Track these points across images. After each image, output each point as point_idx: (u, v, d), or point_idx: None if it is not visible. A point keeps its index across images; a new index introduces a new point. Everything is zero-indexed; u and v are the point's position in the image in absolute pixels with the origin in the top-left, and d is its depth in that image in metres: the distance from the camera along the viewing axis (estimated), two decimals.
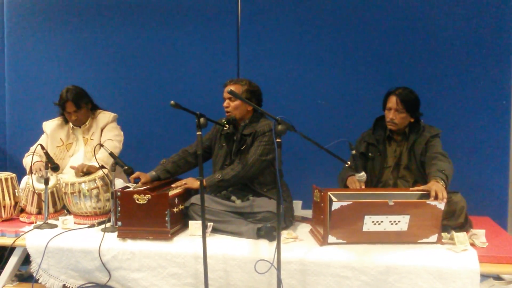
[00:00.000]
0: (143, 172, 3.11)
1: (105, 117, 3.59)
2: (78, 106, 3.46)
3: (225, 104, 3.06)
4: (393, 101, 3.04)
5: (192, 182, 3.01)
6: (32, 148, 3.52)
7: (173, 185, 3.03)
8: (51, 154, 3.44)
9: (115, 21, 4.26)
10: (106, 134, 3.52)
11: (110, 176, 3.01)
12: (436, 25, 3.75)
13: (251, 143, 3.01)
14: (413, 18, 3.79)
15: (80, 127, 3.57)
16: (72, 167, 3.22)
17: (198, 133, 2.52)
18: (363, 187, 2.87)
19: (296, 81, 4.00)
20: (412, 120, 3.09)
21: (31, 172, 3.23)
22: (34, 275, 2.80)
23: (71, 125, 3.57)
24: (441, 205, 2.56)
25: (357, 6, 3.88)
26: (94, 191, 3.08)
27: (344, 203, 2.52)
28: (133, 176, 3.03)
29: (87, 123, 3.56)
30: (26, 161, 3.44)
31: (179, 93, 4.10)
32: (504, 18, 3.64)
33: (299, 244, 2.68)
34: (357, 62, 3.90)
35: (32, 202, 3.20)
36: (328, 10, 3.92)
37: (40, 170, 3.21)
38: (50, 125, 3.60)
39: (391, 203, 2.53)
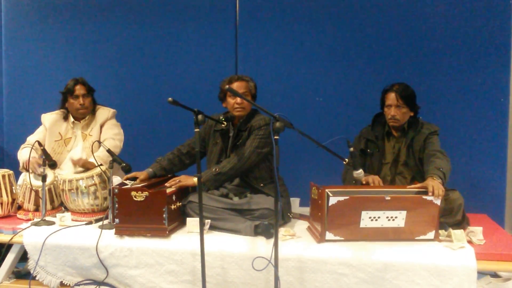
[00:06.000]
0: (140, 169, 3.11)
1: (104, 113, 3.58)
2: (88, 91, 3.51)
3: (238, 101, 3.01)
4: (392, 97, 3.04)
5: (186, 179, 3.00)
6: (28, 139, 3.51)
7: (167, 184, 3.00)
8: (49, 148, 3.45)
9: (113, 18, 4.24)
10: (106, 132, 3.51)
11: (108, 173, 3.01)
12: (434, 22, 3.75)
13: (247, 138, 3.01)
14: (410, 15, 3.79)
15: (80, 122, 3.56)
16: (72, 159, 3.21)
17: (196, 130, 2.51)
18: (381, 183, 2.89)
19: (294, 78, 3.99)
20: (411, 114, 3.09)
21: (24, 167, 3.21)
22: (32, 272, 2.80)
23: (71, 119, 3.56)
24: (438, 201, 2.57)
25: (355, 3, 3.87)
26: (92, 188, 3.08)
27: (341, 198, 2.53)
28: (128, 176, 3.03)
29: (86, 118, 3.56)
30: (22, 154, 3.41)
31: (177, 90, 4.09)
32: (503, 16, 3.64)
33: (297, 241, 2.68)
34: (355, 59, 3.90)
35: (29, 199, 3.19)
36: (326, 7, 3.92)
37: (35, 169, 3.19)
38: (49, 118, 3.58)
39: (387, 198, 2.54)
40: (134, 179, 3.03)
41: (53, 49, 4.35)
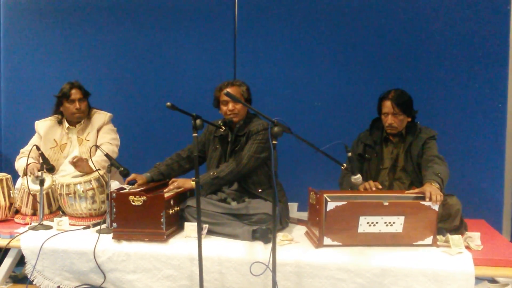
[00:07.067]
0: (138, 173, 3.11)
1: (100, 117, 3.56)
2: (84, 94, 3.49)
3: (230, 107, 3.02)
4: (388, 105, 3.03)
5: (184, 182, 3.00)
6: (22, 150, 3.49)
7: (165, 190, 2.99)
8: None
9: (111, 21, 4.25)
10: (103, 137, 3.49)
11: (106, 178, 3.01)
12: (432, 27, 3.76)
13: (245, 143, 3.01)
14: (409, 20, 3.80)
15: (75, 126, 3.54)
16: (71, 161, 3.20)
17: (194, 134, 2.51)
18: (378, 186, 2.88)
19: (292, 82, 4.00)
20: (409, 119, 3.09)
21: (25, 174, 3.20)
22: (29, 276, 2.79)
23: (66, 125, 3.54)
24: (436, 207, 2.57)
25: (353, 7, 3.88)
26: (90, 193, 3.07)
27: (339, 203, 2.53)
28: (129, 178, 3.03)
29: (82, 122, 3.54)
30: (19, 163, 3.41)
31: (175, 95, 4.10)
32: (501, 21, 3.65)
33: (295, 246, 2.68)
34: (354, 63, 3.91)
35: (27, 203, 3.18)
36: (325, 11, 3.93)
37: (34, 171, 3.18)
38: (43, 125, 3.54)
39: (385, 203, 2.54)
40: (134, 182, 3.03)
41: (51, 54, 4.35)
